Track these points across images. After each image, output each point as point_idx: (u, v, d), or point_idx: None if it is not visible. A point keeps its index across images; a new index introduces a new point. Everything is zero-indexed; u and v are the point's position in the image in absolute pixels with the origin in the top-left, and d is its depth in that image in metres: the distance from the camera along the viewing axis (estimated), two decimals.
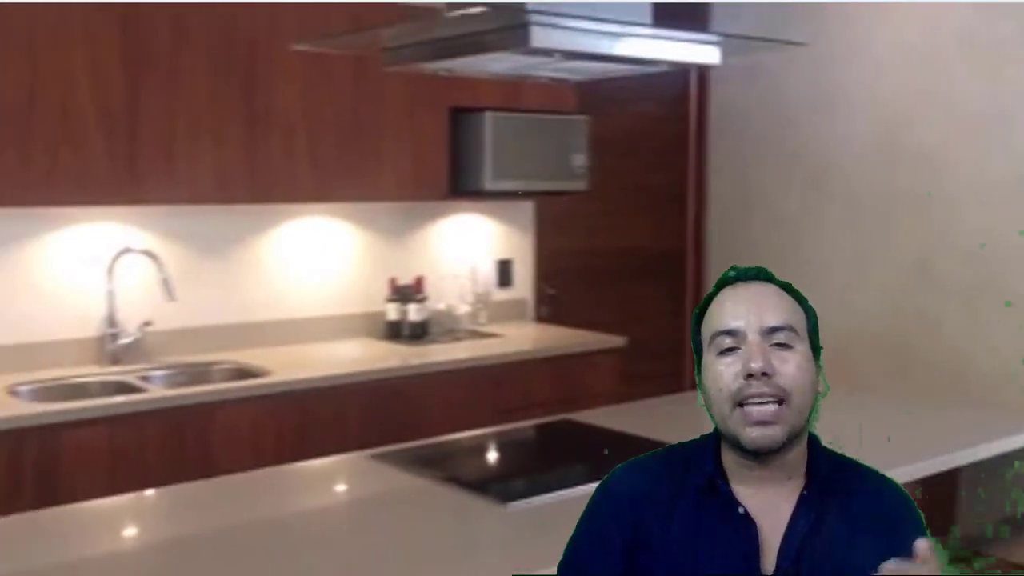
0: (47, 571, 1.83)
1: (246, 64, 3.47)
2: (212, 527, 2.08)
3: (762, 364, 1.34)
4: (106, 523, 2.19)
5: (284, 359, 3.65)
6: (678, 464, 1.46)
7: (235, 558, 1.88)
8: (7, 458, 2.83)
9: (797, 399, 1.36)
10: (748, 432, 1.35)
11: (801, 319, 1.42)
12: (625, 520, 1.43)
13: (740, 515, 1.39)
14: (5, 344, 3.34)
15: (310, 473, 2.54)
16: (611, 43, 2.07)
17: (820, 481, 1.41)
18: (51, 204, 3.24)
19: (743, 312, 1.39)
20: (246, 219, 3.82)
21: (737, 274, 1.45)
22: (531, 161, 4.10)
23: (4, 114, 3.04)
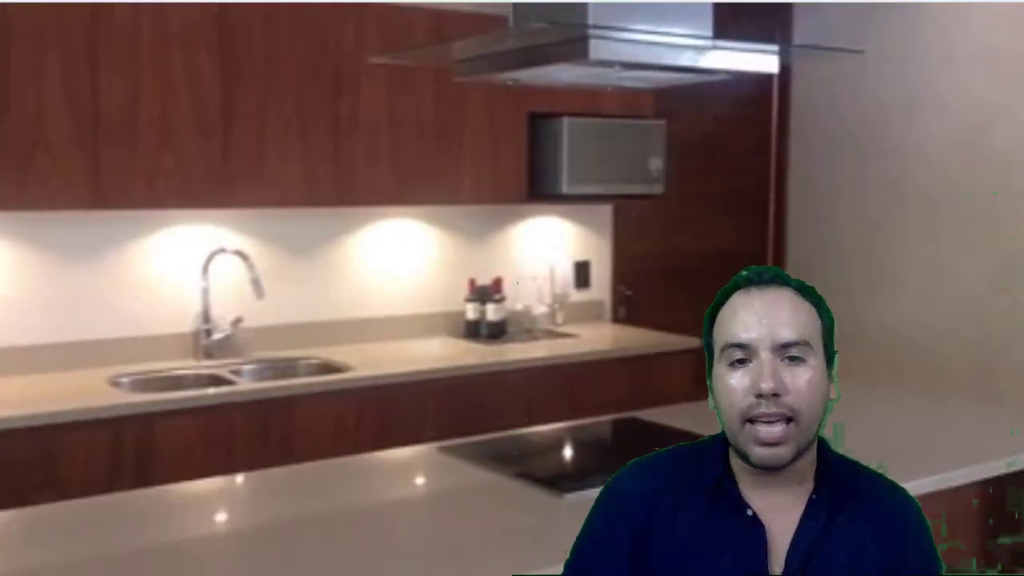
0: (141, 549, 1.98)
1: (333, 72, 3.63)
2: (287, 510, 2.23)
3: (773, 385, 1.32)
4: (196, 505, 2.35)
5: (366, 355, 3.80)
6: (687, 465, 1.46)
7: (307, 539, 2.01)
8: (108, 444, 3.04)
9: (806, 417, 1.34)
10: (755, 451, 1.34)
11: (816, 327, 1.39)
12: (633, 520, 1.42)
13: (748, 517, 1.38)
14: (109, 338, 3.57)
15: (382, 463, 2.67)
16: (668, 54, 2.15)
17: (829, 485, 1.40)
18: (151, 207, 3.44)
19: (755, 324, 1.35)
20: (332, 221, 3.99)
21: (751, 276, 1.40)
22: (608, 165, 4.18)
23: (111, 121, 3.25)
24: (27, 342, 3.42)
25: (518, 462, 2.46)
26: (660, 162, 4.28)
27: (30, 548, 2.01)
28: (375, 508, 2.28)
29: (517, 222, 4.47)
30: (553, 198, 4.20)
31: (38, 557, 1.95)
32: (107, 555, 1.94)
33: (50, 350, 3.45)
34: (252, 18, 3.47)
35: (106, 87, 3.24)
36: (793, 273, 1.44)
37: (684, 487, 1.43)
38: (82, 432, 3.00)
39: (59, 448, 2.96)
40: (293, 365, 3.76)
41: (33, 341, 3.43)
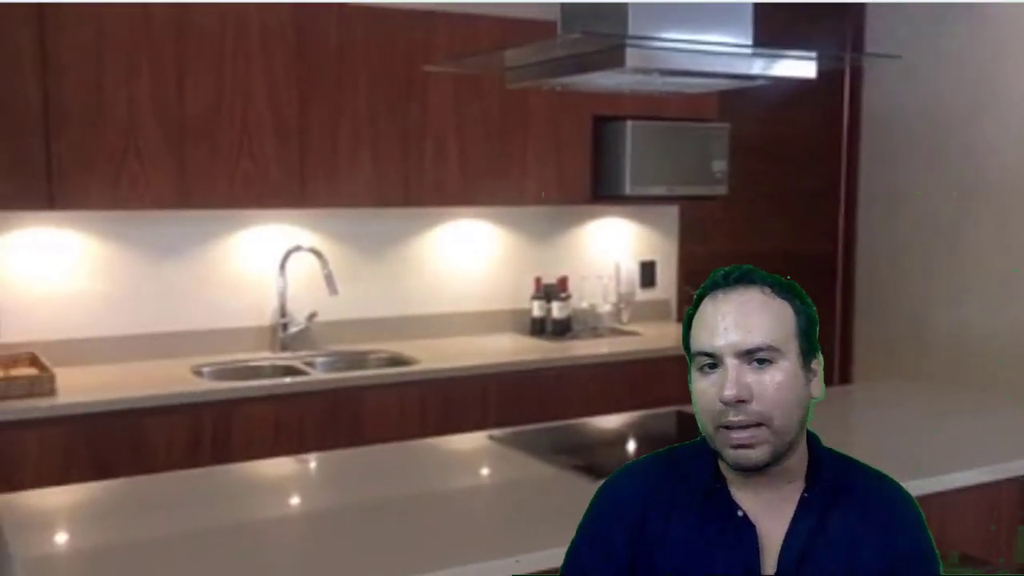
0: (216, 517, 2.17)
1: (403, 78, 3.80)
2: (351, 487, 2.40)
3: (735, 392, 1.31)
4: (267, 478, 2.53)
5: (434, 350, 3.96)
6: (678, 467, 1.46)
7: (364, 509, 2.17)
8: (189, 427, 3.25)
9: (778, 419, 1.33)
10: (730, 454, 1.34)
11: (787, 326, 1.36)
12: (628, 522, 1.42)
13: (739, 518, 1.38)
14: (194, 330, 3.81)
15: (437, 447, 2.83)
16: (704, 61, 2.24)
17: (821, 483, 1.39)
18: (232, 207, 3.66)
19: (720, 332, 1.34)
20: (402, 221, 4.17)
21: (718, 280, 1.40)
22: (671, 167, 4.27)
23: (196, 127, 3.48)
24: (119, 333, 3.67)
25: (572, 451, 2.58)
26: (723, 164, 4.35)
27: (117, 516, 2.22)
28: (431, 489, 2.42)
29: (583, 223, 4.59)
30: (617, 199, 4.30)
31: (125, 525, 2.15)
32: (185, 523, 2.13)
33: (139, 340, 3.70)
34: (327, 27, 3.66)
35: (191, 94, 3.46)
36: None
37: (676, 489, 1.42)
38: (166, 416, 3.23)
39: (145, 430, 3.18)
40: (364, 358, 3.94)
41: (124, 332, 3.68)
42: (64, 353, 3.49)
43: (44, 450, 3.03)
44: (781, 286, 1.40)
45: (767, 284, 1.39)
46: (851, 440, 2.96)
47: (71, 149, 3.29)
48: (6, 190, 3.23)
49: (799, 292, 1.41)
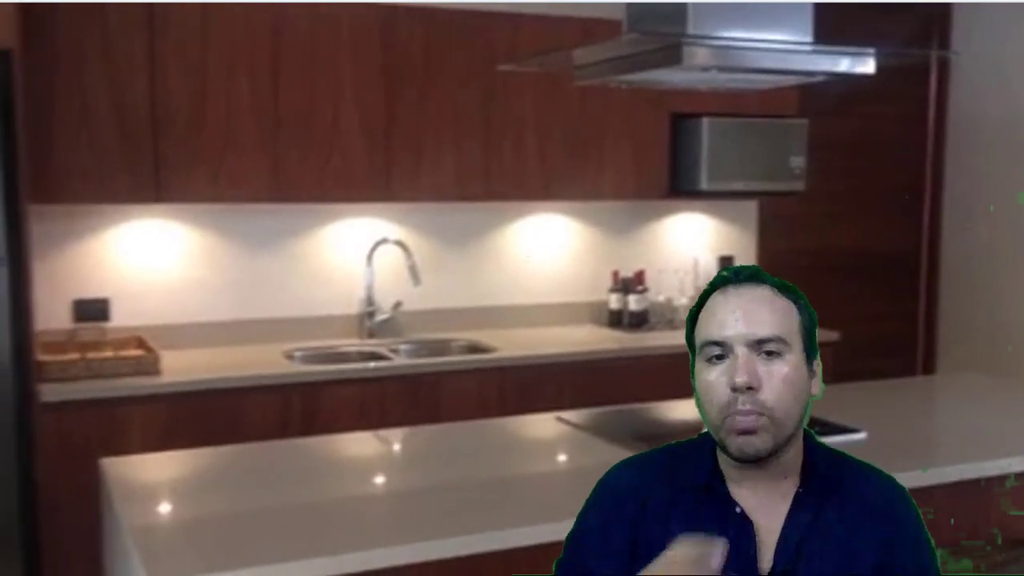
0: (305, 483, 2.37)
1: (485, 78, 3.96)
2: (421, 456, 2.57)
3: (747, 379, 1.35)
4: (351, 449, 2.73)
5: (512, 339, 4.12)
6: (676, 463, 1.48)
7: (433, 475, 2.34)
8: (280, 407, 3.47)
9: (780, 413, 1.36)
10: (733, 440, 1.37)
11: (794, 324, 1.40)
12: (628, 515, 1.44)
13: (737, 514, 1.40)
14: (287, 317, 4.04)
15: (507, 426, 2.98)
16: (759, 58, 2.34)
17: (815, 479, 1.42)
18: (322, 201, 3.88)
19: (732, 322, 1.38)
20: (484, 215, 4.33)
21: (730, 275, 1.44)
22: (748, 163, 4.33)
23: (289, 125, 3.70)
24: (218, 319, 3.92)
25: (635, 432, 2.69)
26: (801, 160, 4.39)
27: (211, 476, 2.44)
28: (498, 460, 2.57)
29: (661, 218, 4.68)
30: (694, 195, 4.39)
31: (219, 483, 2.36)
32: (272, 482, 2.33)
33: (236, 326, 3.94)
34: (413, 29, 3.85)
35: (285, 95, 3.69)
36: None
37: (675, 484, 1.45)
38: (259, 395, 3.45)
39: (240, 408, 3.41)
40: (445, 345, 4.12)
41: (222, 318, 3.93)
42: (168, 336, 3.75)
43: (148, 424, 3.29)
44: (786, 287, 1.44)
45: (773, 284, 1.43)
46: (924, 425, 3.02)
47: (176, 147, 3.55)
48: (118, 185, 3.50)
49: (801, 294, 1.45)
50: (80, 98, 3.41)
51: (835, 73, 2.44)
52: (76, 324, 3.71)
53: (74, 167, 3.42)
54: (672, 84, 2.74)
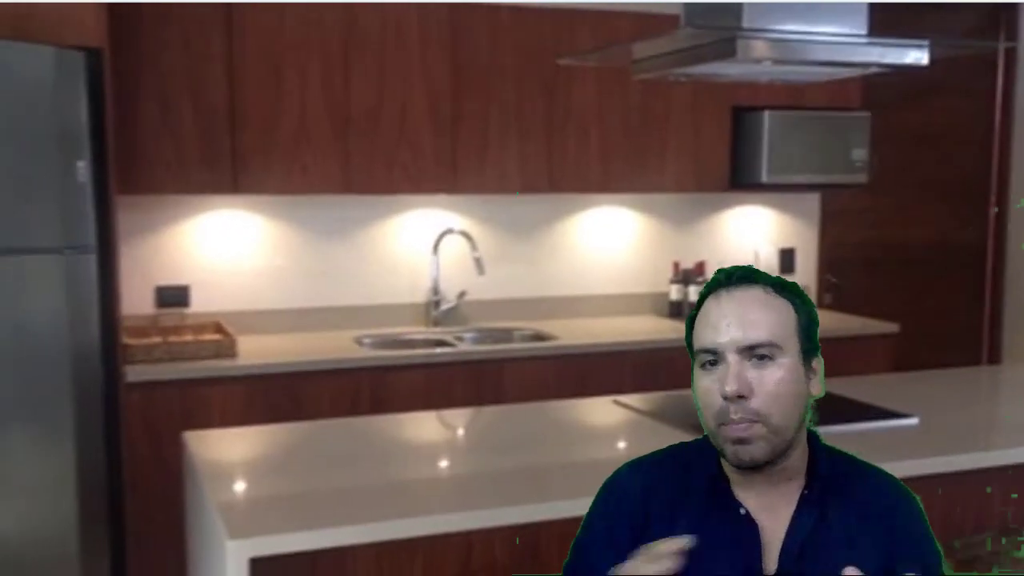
0: (373, 455, 2.50)
1: (548, 73, 4.07)
2: (483, 432, 2.69)
3: (736, 388, 1.34)
4: (417, 426, 2.86)
5: (573, 328, 4.22)
6: (681, 465, 1.48)
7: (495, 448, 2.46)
8: (349, 390, 3.62)
9: (775, 417, 1.35)
10: (729, 449, 1.37)
11: (789, 325, 1.38)
12: (634, 518, 1.44)
13: (742, 516, 1.40)
14: (356, 305, 4.19)
15: (565, 407, 3.09)
16: (813, 51, 2.40)
17: (821, 481, 1.41)
18: (390, 193, 4.02)
19: (723, 328, 1.37)
20: (546, 207, 4.43)
21: (721, 279, 1.43)
22: (810, 156, 4.37)
23: (360, 119, 3.84)
24: (291, 306, 4.09)
25: (687, 416, 2.78)
26: (864, 152, 4.41)
27: (286, 448, 2.59)
28: (555, 435, 2.68)
29: (722, 210, 4.74)
30: (755, 187, 4.44)
31: (292, 453, 2.51)
32: (343, 453, 2.47)
33: (309, 313, 4.11)
34: (479, 26, 3.97)
35: (356, 90, 3.83)
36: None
37: (680, 486, 1.45)
38: (330, 378, 3.60)
39: (311, 390, 3.56)
40: (508, 334, 4.23)
41: (296, 305, 4.10)
42: (244, 322, 3.93)
43: (226, 403, 3.46)
44: (782, 286, 1.42)
45: (769, 283, 1.41)
46: (979, 411, 3.05)
47: (252, 141, 3.72)
48: (198, 177, 3.68)
49: (800, 292, 1.43)
50: (163, 94, 3.60)
51: (888, 65, 2.49)
52: (158, 310, 3.91)
53: (157, 160, 3.61)
54: (728, 77, 2.82)
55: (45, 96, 3.11)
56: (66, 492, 3.21)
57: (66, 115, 3.14)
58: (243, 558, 1.84)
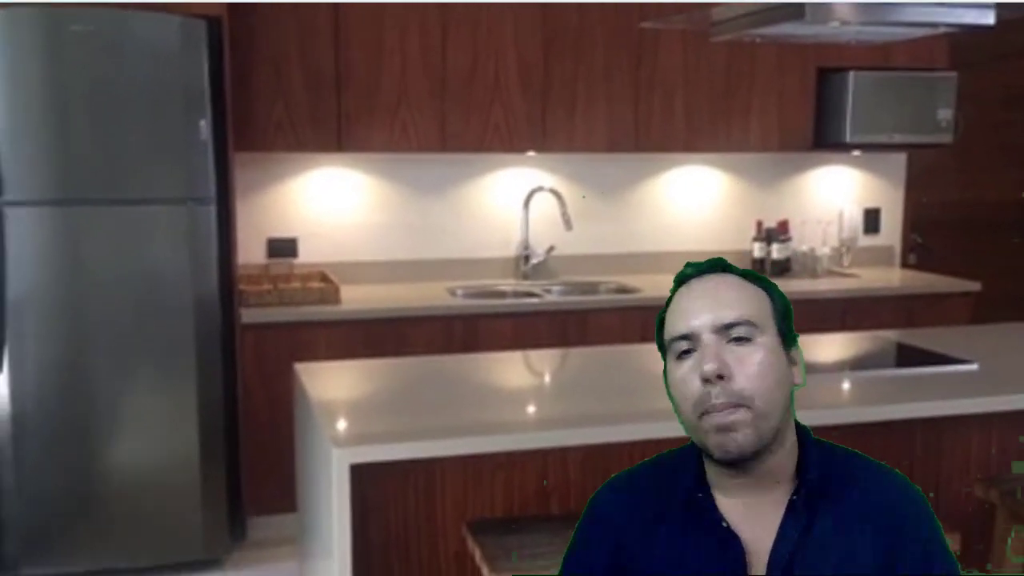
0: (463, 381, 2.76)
1: (636, 37, 4.22)
2: (568, 369, 2.92)
3: (715, 366, 1.26)
4: (505, 360, 3.11)
5: (657, 282, 4.39)
6: (663, 477, 1.40)
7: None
8: (442, 336, 3.87)
9: (760, 402, 1.26)
10: (714, 440, 1.28)
11: (764, 309, 1.32)
12: (608, 544, 1.38)
13: (723, 529, 1.31)
14: (452, 258, 4.45)
15: (642, 351, 3.28)
16: (879, 11, 2.52)
17: (811, 484, 1.31)
18: (484, 151, 4.24)
19: (696, 309, 1.31)
20: (633, 166, 4.61)
21: (693, 270, 1.37)
22: (894, 116, 4.44)
23: (456, 82, 4.07)
24: (390, 258, 4.37)
25: None
26: (949, 113, 4.46)
27: (384, 376, 2.87)
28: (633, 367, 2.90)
29: (807, 170, 4.83)
30: (838, 147, 4.52)
31: (392, 380, 2.78)
32: (436, 374, 2.73)
33: (406, 265, 4.38)
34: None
35: (452, 54, 4.07)
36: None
37: (660, 500, 1.37)
38: (425, 324, 3.87)
39: (408, 334, 3.83)
40: (594, 287, 4.44)
41: (395, 257, 4.38)
42: (347, 272, 4.22)
43: (330, 345, 3.75)
44: (754, 276, 1.38)
45: (739, 273, 1.37)
46: None
47: (356, 102, 3.98)
48: (306, 137, 3.97)
49: (771, 282, 1.39)
50: (275, 60, 3.89)
51: (954, 24, 2.60)
52: (269, 260, 4.23)
53: (270, 120, 3.91)
54: (803, 37, 2.95)
55: (171, 61, 3.43)
56: (188, 424, 3.55)
57: (189, 78, 3.45)
58: (345, 464, 2.10)
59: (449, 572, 2.36)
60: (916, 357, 2.91)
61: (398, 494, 2.31)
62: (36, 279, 3.40)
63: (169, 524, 3.57)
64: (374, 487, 2.26)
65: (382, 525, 2.31)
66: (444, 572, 2.37)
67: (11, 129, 3.31)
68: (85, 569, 3.49)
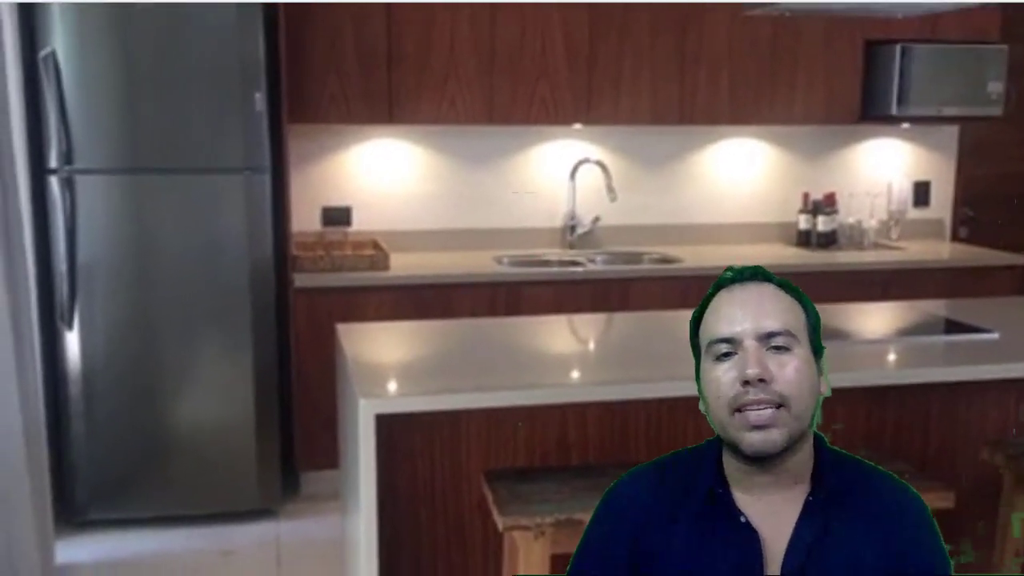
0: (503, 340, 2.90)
1: (681, 12, 4.28)
2: (607, 331, 3.03)
3: (759, 371, 1.32)
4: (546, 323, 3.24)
5: (702, 253, 4.47)
6: (682, 472, 1.45)
7: None
8: (487, 302, 3.99)
9: (796, 404, 1.33)
10: (747, 437, 1.33)
11: (800, 320, 1.38)
12: (627, 534, 1.42)
13: (742, 524, 1.37)
14: (499, 228, 4.57)
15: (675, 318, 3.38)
16: None
17: (826, 486, 1.37)
18: (530, 123, 4.35)
19: (739, 317, 1.36)
20: (678, 138, 4.67)
21: (734, 275, 1.42)
22: (943, 88, 4.43)
23: (502, 55, 4.18)
24: (439, 227, 4.52)
25: None
26: (999, 85, 4.43)
27: (424, 337, 3.02)
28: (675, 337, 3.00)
29: (855, 143, 4.84)
30: (886, 119, 4.53)
31: (432, 339, 2.93)
32: (478, 336, 2.87)
33: (454, 234, 4.52)
34: None
35: (500, 29, 4.18)
36: None
37: (679, 495, 1.42)
38: (470, 290, 4.01)
39: (454, 300, 3.97)
40: (637, 257, 4.53)
41: (443, 226, 4.52)
42: (398, 240, 4.37)
43: (378, 310, 3.92)
44: (789, 287, 1.44)
45: (777, 283, 1.43)
46: None
47: (406, 76, 4.12)
48: (359, 109, 4.13)
49: (803, 294, 1.45)
50: (329, 34, 4.04)
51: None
52: (324, 228, 4.41)
53: (323, 93, 4.07)
54: (832, 10, 2.99)
55: (229, 36, 3.61)
56: (244, 382, 3.76)
57: (246, 52, 3.63)
58: (370, 414, 2.26)
59: (472, 520, 2.51)
60: (940, 326, 2.96)
61: (424, 446, 2.46)
62: (104, 243, 3.62)
63: (227, 476, 3.79)
64: (401, 439, 2.42)
65: (409, 476, 2.47)
66: (468, 520, 2.52)
67: (82, 102, 3.53)
68: (148, 515, 3.73)
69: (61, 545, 3.45)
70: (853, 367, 2.62)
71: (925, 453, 2.70)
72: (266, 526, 3.78)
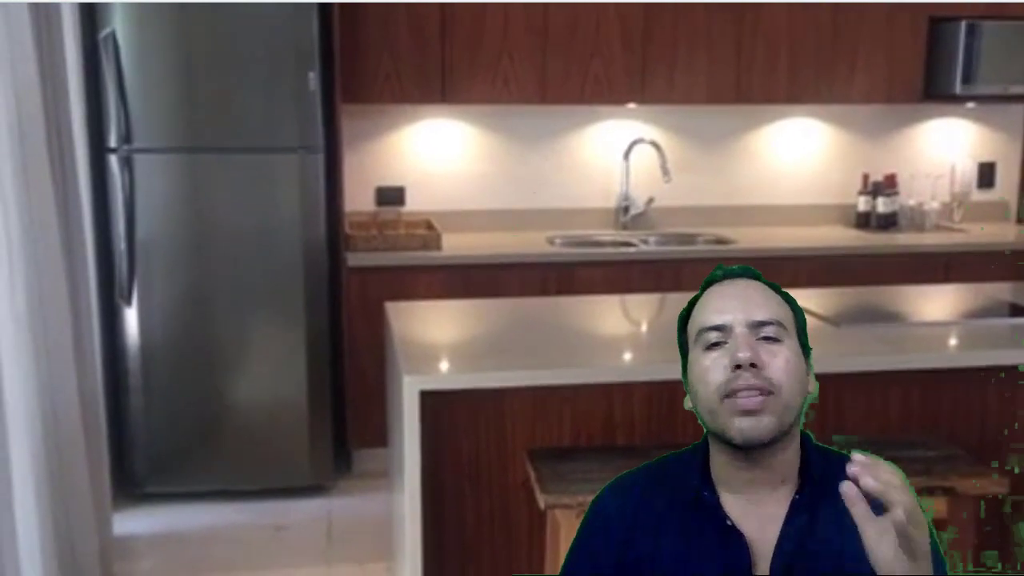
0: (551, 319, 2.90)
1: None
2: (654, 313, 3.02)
3: (750, 355, 1.31)
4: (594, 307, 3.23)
5: (757, 235, 4.41)
6: (667, 477, 1.45)
7: None
8: (538, 283, 3.99)
9: (786, 392, 1.32)
10: (737, 423, 1.31)
11: (789, 317, 1.39)
12: (614, 541, 1.42)
13: (728, 527, 1.36)
14: (551, 208, 4.56)
15: None
16: None
17: (813, 484, 1.36)
18: (583, 103, 4.32)
19: (730, 307, 1.37)
20: (735, 118, 4.60)
21: (724, 273, 1.44)
22: (1009, 66, 4.30)
23: (556, 34, 4.15)
24: (492, 207, 4.51)
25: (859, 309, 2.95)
26: None
27: (471, 316, 3.02)
28: None
29: (918, 123, 4.73)
30: (948, 98, 4.41)
31: (478, 319, 2.94)
32: (526, 315, 2.87)
33: (507, 214, 4.52)
34: None
35: (554, 8, 4.15)
36: None
37: (665, 501, 1.42)
38: (522, 271, 4.01)
39: (505, 280, 3.96)
40: (692, 239, 4.48)
41: (496, 206, 4.52)
42: (451, 220, 4.39)
43: (429, 289, 3.93)
44: (778, 288, 1.44)
45: (766, 283, 1.44)
46: None
47: (460, 56, 4.12)
48: (413, 89, 4.14)
49: (792, 298, 1.44)
50: (382, 15, 4.05)
51: None
52: (378, 207, 4.43)
53: (377, 73, 4.08)
54: None
55: (284, 16, 3.64)
56: (297, 360, 3.81)
57: (300, 32, 3.66)
58: (414, 390, 2.27)
59: (516, 498, 2.51)
60: (1007, 310, 2.88)
61: (469, 424, 2.47)
62: (162, 221, 3.69)
63: (280, 452, 3.85)
64: (446, 417, 2.43)
65: (453, 453, 2.48)
66: (512, 498, 2.52)
67: (140, 82, 3.59)
68: (204, 489, 3.81)
69: (118, 517, 3.54)
70: (908, 350, 2.57)
71: (982, 438, 2.63)
72: (318, 502, 3.83)
